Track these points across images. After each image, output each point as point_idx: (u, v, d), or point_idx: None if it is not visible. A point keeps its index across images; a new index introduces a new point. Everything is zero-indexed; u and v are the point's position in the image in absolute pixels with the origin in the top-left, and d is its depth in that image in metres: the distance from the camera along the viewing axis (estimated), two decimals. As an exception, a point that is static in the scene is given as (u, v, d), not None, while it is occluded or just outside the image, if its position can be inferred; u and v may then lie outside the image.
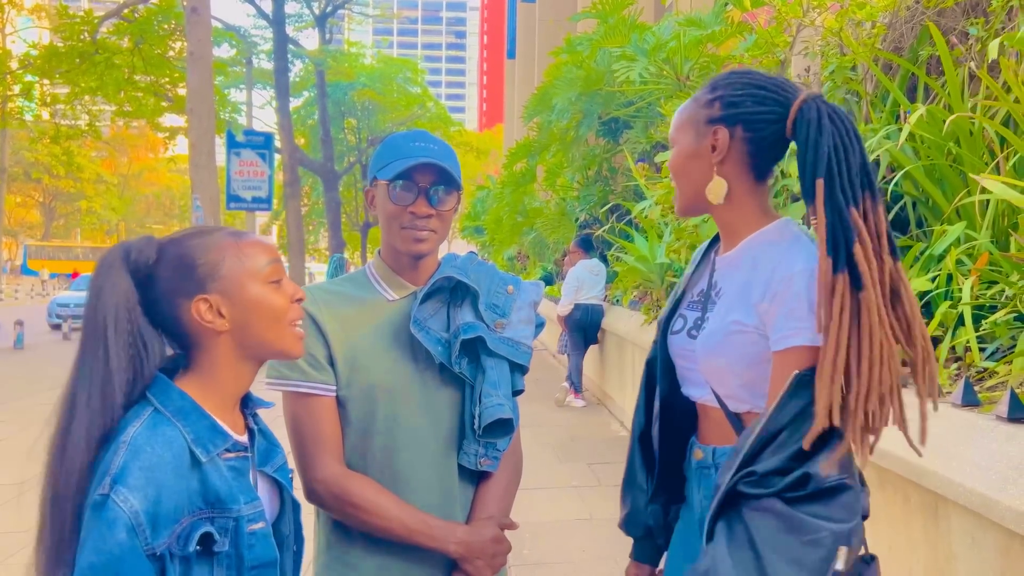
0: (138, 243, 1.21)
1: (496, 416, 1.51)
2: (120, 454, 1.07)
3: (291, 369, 1.52)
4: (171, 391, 1.17)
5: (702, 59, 7.05)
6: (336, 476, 1.51)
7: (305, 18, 24.70)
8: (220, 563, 1.15)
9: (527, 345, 1.63)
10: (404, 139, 1.57)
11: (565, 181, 11.60)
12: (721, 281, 1.48)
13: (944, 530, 2.23)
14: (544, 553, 4.09)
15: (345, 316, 1.56)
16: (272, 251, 1.27)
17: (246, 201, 16.56)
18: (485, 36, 70.06)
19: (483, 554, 1.53)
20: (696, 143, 1.42)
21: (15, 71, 18.43)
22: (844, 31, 4.21)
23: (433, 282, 1.56)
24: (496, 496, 1.62)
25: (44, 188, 40.02)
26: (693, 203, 1.47)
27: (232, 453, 1.21)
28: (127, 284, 1.17)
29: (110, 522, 1.03)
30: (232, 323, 1.21)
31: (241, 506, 1.17)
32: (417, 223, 1.53)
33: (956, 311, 2.83)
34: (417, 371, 1.56)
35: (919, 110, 3.43)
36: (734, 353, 1.36)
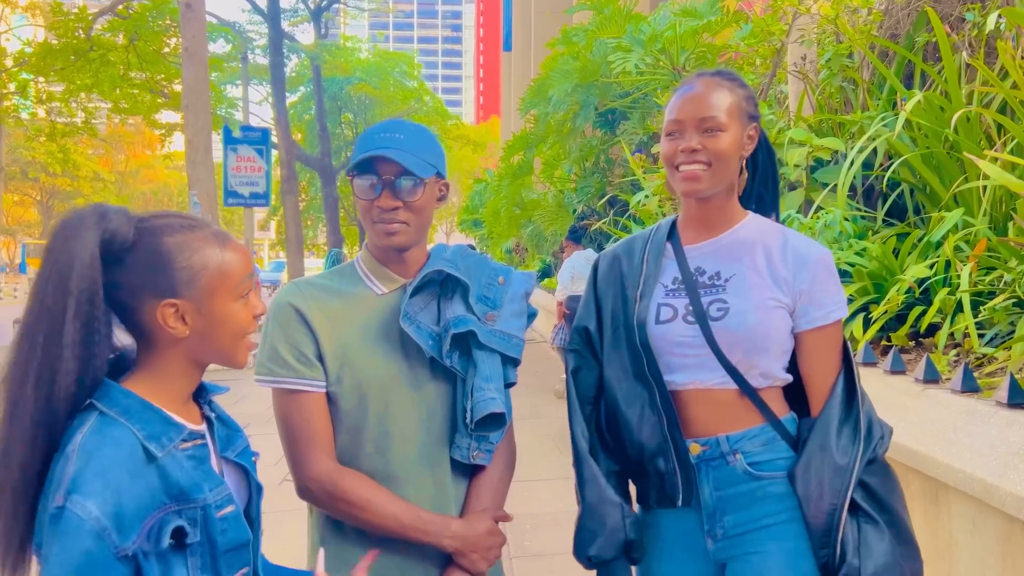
0: (116, 218, 1.12)
1: (488, 410, 1.50)
2: (71, 463, 1.04)
3: (280, 366, 1.50)
4: (113, 391, 1.13)
5: (698, 49, 7.04)
6: (329, 473, 1.49)
7: (300, 12, 24.60)
8: (193, 552, 1.13)
9: (519, 337, 1.61)
10: (375, 130, 1.54)
11: (562, 173, 11.59)
12: (714, 266, 1.51)
13: (944, 516, 2.23)
14: (545, 544, 4.09)
15: (334, 311, 1.54)
16: (249, 262, 1.23)
17: (243, 197, 16.53)
18: (481, 29, 69.90)
19: (478, 547, 1.52)
20: (741, 134, 1.50)
21: (10, 69, 18.38)
22: (840, 18, 4.20)
23: (422, 276, 1.54)
24: (490, 489, 1.61)
25: (41, 186, 39.95)
26: (719, 186, 1.50)
27: (188, 443, 1.18)
28: (96, 263, 1.09)
29: (71, 532, 1.00)
30: (193, 332, 1.17)
31: (206, 494, 1.14)
32: (385, 216, 1.50)
33: (955, 297, 2.83)
34: (408, 365, 1.55)
35: (916, 97, 3.42)
36: (775, 328, 1.45)
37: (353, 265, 1.63)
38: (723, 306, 1.47)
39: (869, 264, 3.26)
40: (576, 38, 9.01)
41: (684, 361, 1.49)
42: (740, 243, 1.51)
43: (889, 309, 2.99)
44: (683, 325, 1.49)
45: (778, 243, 1.51)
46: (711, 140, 1.46)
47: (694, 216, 1.56)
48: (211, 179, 12.09)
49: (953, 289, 2.89)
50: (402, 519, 1.48)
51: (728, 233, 1.53)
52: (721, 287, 1.49)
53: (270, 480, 5.10)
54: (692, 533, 1.50)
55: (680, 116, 1.49)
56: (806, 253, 1.49)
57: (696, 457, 1.48)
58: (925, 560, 1.47)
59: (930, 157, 3.56)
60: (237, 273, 1.19)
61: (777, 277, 1.47)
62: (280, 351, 1.50)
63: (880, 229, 3.71)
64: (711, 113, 1.46)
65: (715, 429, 1.47)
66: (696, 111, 1.47)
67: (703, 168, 1.46)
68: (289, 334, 1.51)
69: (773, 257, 1.49)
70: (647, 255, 1.60)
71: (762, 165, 1.63)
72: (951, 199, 3.34)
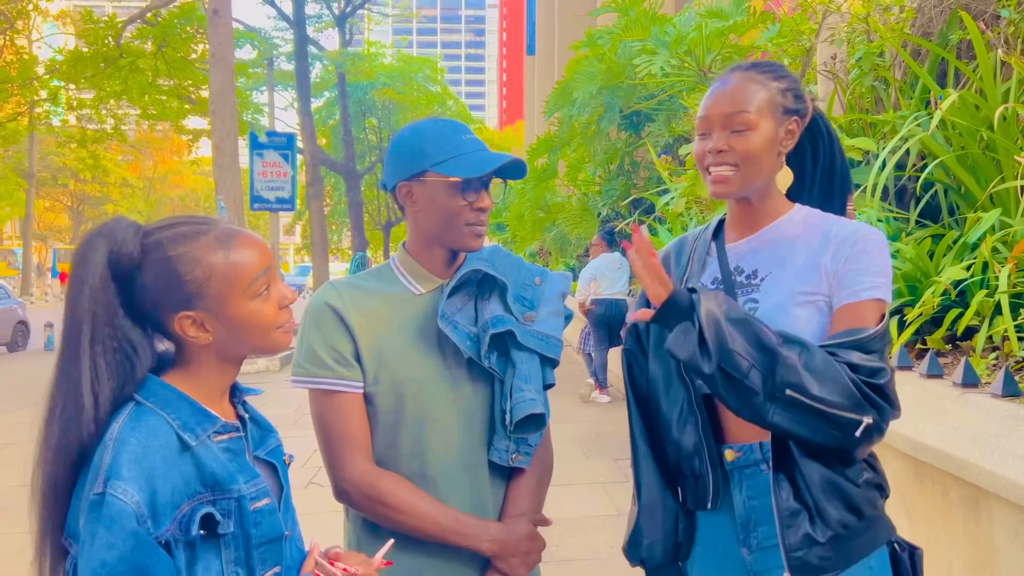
0: (121, 236, 1.14)
1: (528, 411, 1.47)
2: (108, 451, 1.05)
3: (317, 366, 1.49)
4: (151, 383, 1.15)
5: (724, 50, 6.98)
6: (366, 475, 1.48)
7: (325, 18, 24.83)
8: (227, 544, 1.13)
9: (557, 338, 1.58)
10: (451, 131, 1.51)
11: (587, 176, 11.54)
12: (752, 265, 1.47)
13: (985, 524, 2.17)
14: (571, 549, 4.06)
15: (371, 311, 1.53)
16: (263, 258, 1.21)
17: (269, 202, 16.69)
18: (504, 33, 70.06)
19: (517, 552, 1.50)
20: (775, 130, 1.43)
21: (42, 76, 18.71)
22: (872, 16, 4.13)
23: (461, 275, 1.53)
24: (529, 492, 1.58)
25: (71, 192, 40.57)
26: (751, 187, 1.44)
27: (224, 435, 1.19)
28: (107, 287, 1.12)
29: (114, 516, 1.01)
30: (216, 337, 1.18)
31: (241, 485, 1.15)
32: (482, 218, 1.51)
33: (993, 300, 2.76)
34: (445, 366, 1.53)
35: (951, 96, 3.35)
36: (804, 326, 1.37)
37: (389, 266, 1.62)
38: (754, 305, 1.42)
39: (903, 266, 3.19)
40: (601, 40, 8.96)
41: None
42: (781, 240, 1.46)
43: (924, 312, 2.93)
44: None
45: (821, 232, 1.43)
46: (739, 140, 1.40)
47: (735, 215, 1.52)
48: (237, 184, 12.20)
49: (991, 291, 2.82)
50: (441, 522, 1.47)
51: (767, 230, 1.48)
52: (756, 286, 1.45)
53: (296, 483, 5.13)
54: (728, 541, 1.46)
55: (708, 114, 1.45)
56: (849, 234, 1.41)
57: (731, 464, 1.44)
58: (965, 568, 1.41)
59: (965, 157, 3.48)
60: (246, 274, 1.18)
61: (817, 267, 1.40)
62: (317, 351, 1.49)
63: (913, 230, 3.64)
64: (737, 110, 1.41)
65: (750, 435, 1.42)
66: (723, 109, 1.42)
67: (731, 170, 1.41)
68: (326, 334, 1.50)
69: (815, 248, 1.42)
70: (693, 253, 1.57)
71: (823, 156, 1.54)
72: (987, 199, 3.27)
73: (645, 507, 1.54)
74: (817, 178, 1.55)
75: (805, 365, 1.25)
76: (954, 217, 3.68)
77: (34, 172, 29.39)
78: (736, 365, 1.24)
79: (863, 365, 1.29)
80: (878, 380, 1.29)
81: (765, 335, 1.26)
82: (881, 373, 1.30)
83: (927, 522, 2.44)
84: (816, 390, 1.24)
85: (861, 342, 1.31)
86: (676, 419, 1.49)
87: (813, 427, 1.27)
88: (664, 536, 1.52)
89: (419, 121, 1.57)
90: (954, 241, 3.26)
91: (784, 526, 1.31)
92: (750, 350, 1.25)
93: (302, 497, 4.79)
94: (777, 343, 1.26)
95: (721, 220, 1.58)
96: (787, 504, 1.32)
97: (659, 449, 1.55)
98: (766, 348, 1.25)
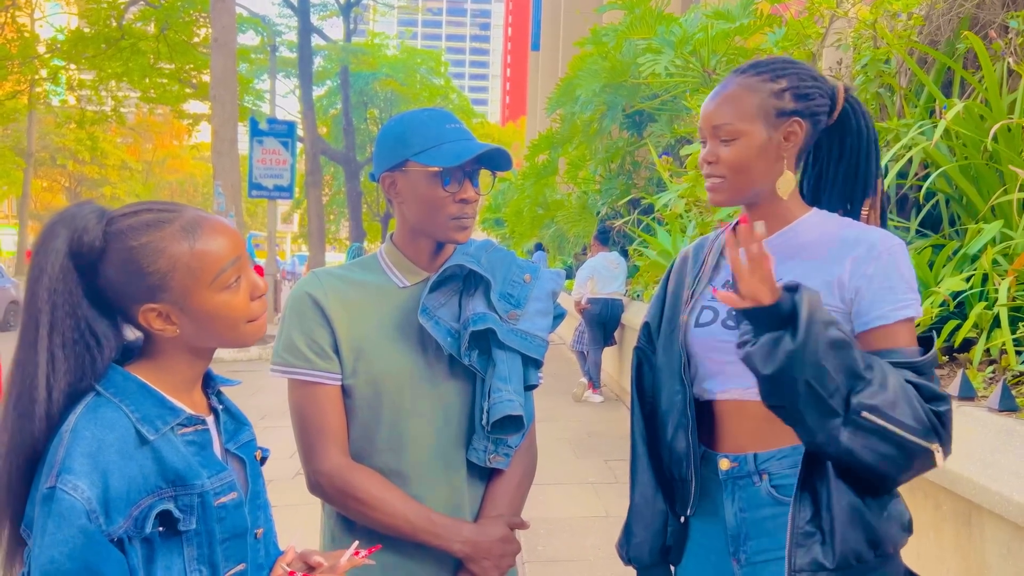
0: (82, 223, 1.09)
1: (505, 412, 1.43)
2: (63, 444, 1.02)
3: (295, 357, 1.46)
4: (113, 374, 1.11)
5: (729, 52, 6.94)
6: (340, 468, 1.45)
7: (330, 7, 24.72)
8: (189, 541, 1.10)
9: (542, 338, 1.55)
10: (435, 120, 1.48)
11: (587, 174, 11.50)
12: None
13: (977, 539, 2.15)
14: (558, 550, 4.04)
15: (352, 302, 1.50)
16: (232, 247, 1.15)
17: (267, 189, 16.63)
18: (510, 28, 69.93)
19: (490, 554, 1.47)
20: (767, 135, 1.37)
21: (43, 55, 18.60)
22: (879, 23, 4.10)
23: (443, 269, 1.49)
24: (507, 494, 1.55)
25: (69, 173, 40.41)
26: (744, 196, 1.41)
27: (188, 428, 1.15)
28: (67, 276, 1.08)
29: (64, 512, 0.98)
30: (184, 330, 1.14)
31: (204, 480, 1.11)
32: (466, 209, 1.47)
33: (992, 312, 2.74)
34: (426, 362, 1.50)
35: (956, 106, 3.32)
36: None
37: (376, 257, 1.59)
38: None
39: (902, 275, 3.16)
40: (606, 38, 8.92)
41: (722, 368, 1.43)
42: (792, 246, 1.41)
43: (922, 322, 2.90)
44: (721, 329, 1.42)
45: (836, 240, 1.37)
46: (725, 150, 1.38)
47: (746, 218, 1.48)
48: (236, 170, 12.15)
49: (990, 303, 2.79)
50: (412, 520, 1.44)
51: (779, 235, 1.42)
52: None
53: (285, 473, 5.11)
54: (720, 551, 1.43)
55: (701, 123, 1.43)
56: (868, 246, 1.34)
57: (724, 473, 1.41)
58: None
59: (968, 168, 3.46)
60: (212, 266, 1.12)
61: (829, 278, 1.34)
62: (296, 342, 1.46)
63: (914, 240, 3.61)
64: (722, 121, 1.38)
65: (747, 446, 1.39)
66: (710, 119, 1.40)
67: (720, 180, 1.40)
68: (306, 324, 1.47)
69: (828, 257, 1.36)
70: (708, 254, 1.54)
71: (849, 155, 1.46)
72: (988, 211, 3.24)
73: (636, 507, 1.54)
74: (840, 178, 1.48)
75: (882, 384, 1.20)
76: (955, 228, 3.66)
77: (32, 151, 29.25)
78: (825, 384, 1.18)
79: (925, 387, 1.24)
80: (939, 407, 1.24)
81: (856, 361, 1.19)
82: (943, 400, 1.25)
83: (918, 536, 2.42)
84: (894, 412, 1.19)
85: (916, 365, 1.26)
86: (672, 422, 1.47)
87: (882, 453, 1.20)
88: (652, 537, 1.52)
89: (407, 111, 1.54)
90: (954, 252, 3.24)
91: (795, 544, 1.27)
92: (840, 373, 1.18)
93: (290, 487, 4.76)
94: (863, 368, 1.20)
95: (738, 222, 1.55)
96: (803, 527, 1.27)
97: (656, 450, 1.53)
98: (855, 374, 1.19)
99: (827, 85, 1.42)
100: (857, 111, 1.44)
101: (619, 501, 4.80)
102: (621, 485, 5.16)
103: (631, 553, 1.54)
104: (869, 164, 1.45)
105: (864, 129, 1.44)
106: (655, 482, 1.53)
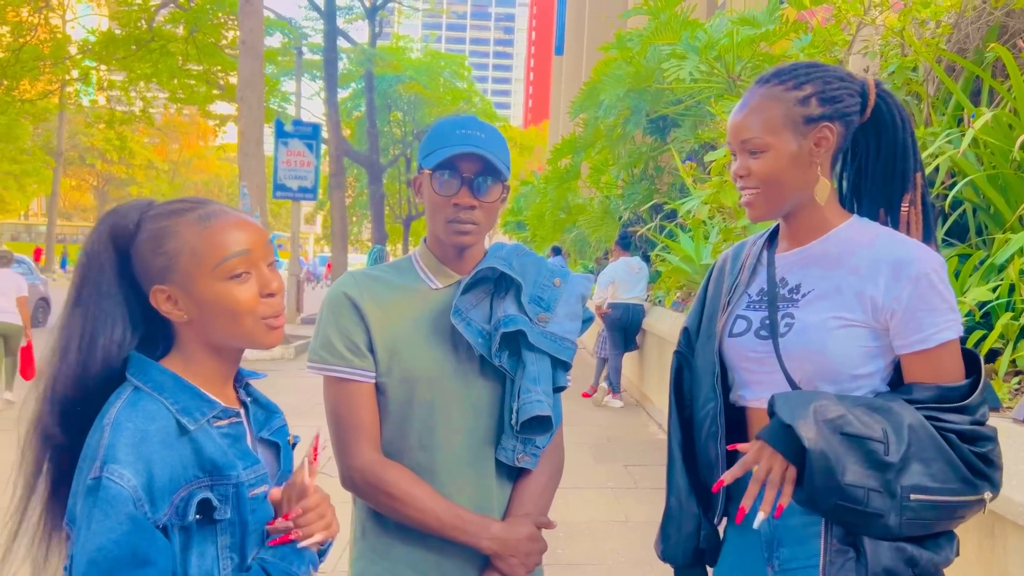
0: (125, 210, 1.18)
1: (534, 413, 1.47)
2: (105, 435, 1.05)
3: (331, 354, 1.50)
4: (150, 368, 1.15)
5: (755, 58, 6.92)
6: (372, 464, 1.49)
7: (356, 10, 24.88)
8: (223, 530, 1.13)
9: (571, 341, 1.58)
10: (451, 126, 1.52)
11: (610, 179, 11.50)
12: (796, 278, 1.42)
13: (1000, 551, 2.13)
14: (577, 554, 4.04)
15: (387, 302, 1.54)
16: (243, 239, 1.17)
17: (292, 191, 16.77)
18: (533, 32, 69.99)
19: (517, 552, 1.49)
20: (797, 144, 1.35)
21: (74, 56, 18.88)
22: (907, 30, 4.08)
23: (476, 272, 1.53)
24: (534, 494, 1.58)
25: (97, 172, 40.97)
26: (780, 208, 1.40)
27: (224, 420, 1.18)
28: (105, 255, 1.15)
29: (111, 500, 1.01)
30: (190, 316, 1.16)
31: (240, 471, 1.14)
32: (461, 215, 1.49)
33: (1018, 323, 2.72)
34: (457, 362, 1.53)
35: (984, 115, 3.30)
36: (840, 350, 1.32)
37: (410, 259, 1.63)
38: (791, 321, 1.38)
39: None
40: (630, 43, 8.91)
41: (754, 377, 1.43)
42: (828, 254, 1.39)
43: (947, 332, 2.88)
44: (754, 339, 1.42)
45: (871, 253, 1.33)
46: (755, 163, 1.37)
47: (784, 225, 1.47)
48: (261, 171, 12.27)
49: (1016, 314, 2.78)
50: (442, 517, 1.47)
51: (815, 243, 1.40)
52: (796, 300, 1.40)
53: (306, 472, 5.12)
54: (756, 557, 1.43)
55: (728, 137, 1.43)
56: (904, 263, 1.29)
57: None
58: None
59: (996, 177, 3.43)
60: (216, 252, 1.15)
61: (863, 292, 1.32)
62: (332, 339, 1.51)
63: (940, 249, 3.59)
64: (748, 135, 1.37)
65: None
66: (737, 132, 1.39)
67: (753, 193, 1.38)
68: (342, 323, 1.51)
69: (862, 270, 1.33)
70: (745, 261, 1.53)
71: (885, 151, 1.42)
72: (1016, 221, 3.22)
73: (670, 510, 1.56)
74: (879, 176, 1.44)
75: (919, 456, 1.19)
76: (982, 237, 3.63)
77: (62, 150, 29.73)
78: (854, 497, 1.18)
79: (966, 431, 1.22)
80: (984, 448, 1.22)
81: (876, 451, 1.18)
82: (987, 440, 1.23)
83: (940, 546, 2.41)
84: (939, 482, 1.19)
85: (961, 407, 1.24)
86: (705, 428, 1.48)
87: (932, 520, 1.22)
88: (685, 540, 1.53)
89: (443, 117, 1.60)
90: (981, 262, 3.21)
91: (828, 561, 1.27)
92: (862, 471, 1.18)
93: (311, 486, 4.81)
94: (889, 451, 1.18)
95: (776, 227, 1.54)
96: (837, 545, 1.27)
97: (692, 455, 1.55)
98: (879, 463, 1.18)
99: (856, 83, 1.39)
100: (891, 105, 1.40)
101: (639, 506, 4.80)
102: (641, 490, 5.16)
103: (666, 554, 1.56)
104: (907, 158, 1.42)
105: (900, 122, 1.41)
106: (689, 486, 1.53)
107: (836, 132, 1.37)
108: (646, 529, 4.37)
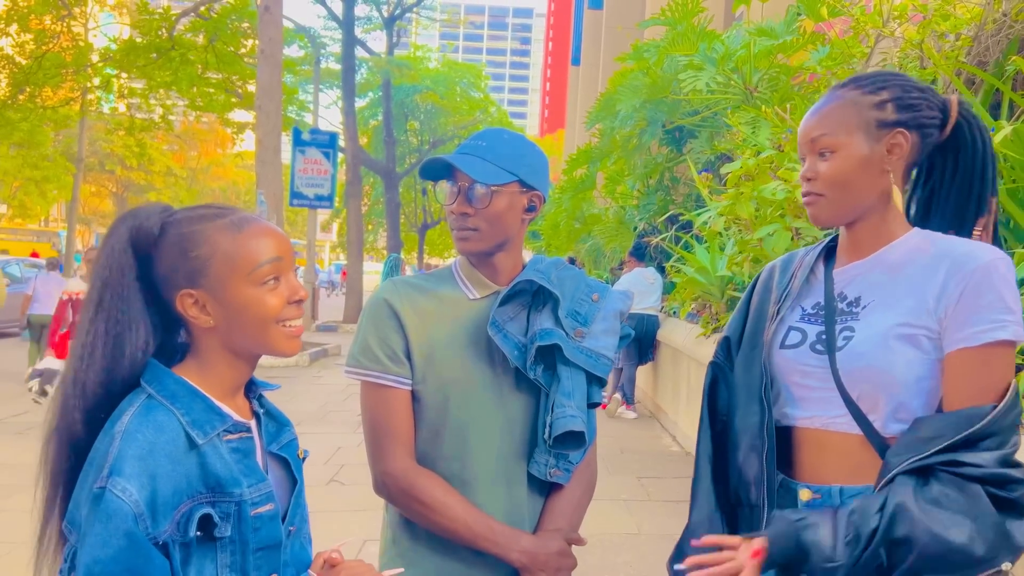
0: (145, 212, 1.17)
1: (567, 428, 1.46)
2: (115, 444, 1.05)
3: (369, 359, 1.52)
4: (165, 376, 1.15)
5: (772, 69, 6.90)
6: (405, 470, 1.50)
7: (374, 20, 25.06)
8: (223, 548, 1.12)
9: (607, 357, 1.56)
10: (471, 137, 1.57)
11: (625, 189, 11.48)
12: (856, 291, 1.36)
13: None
14: (590, 566, 4.02)
15: (425, 310, 1.55)
16: (274, 246, 1.18)
17: (308, 199, 16.89)
18: (550, 43, 70.19)
19: (547, 566, 1.48)
20: (868, 148, 1.31)
21: (96, 64, 19.10)
22: (926, 43, 4.05)
23: (514, 284, 1.53)
24: (566, 509, 1.57)
25: (117, 179, 41.33)
26: (846, 214, 1.35)
27: (234, 435, 1.18)
28: (125, 260, 1.15)
29: (111, 514, 1.01)
30: (217, 321, 1.17)
31: (243, 489, 1.13)
32: (458, 222, 1.52)
33: (1039, 339, 2.68)
34: (492, 373, 1.53)
35: (1005, 128, 3.27)
36: (902, 361, 1.25)
37: (451, 268, 1.64)
38: (849, 334, 1.32)
39: (946, 298, 3.11)
40: (647, 54, 8.91)
41: (808, 394, 1.36)
42: (888, 265, 1.33)
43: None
44: (809, 353, 1.36)
45: (931, 257, 1.28)
46: (824, 165, 1.32)
47: (844, 237, 1.41)
48: (278, 179, 12.36)
49: (1037, 330, 2.74)
50: (473, 527, 1.47)
51: (877, 255, 1.35)
52: (856, 314, 1.33)
53: (318, 479, 5.14)
54: None
55: (799, 140, 1.38)
56: (964, 260, 1.23)
57: (805, 504, 1.34)
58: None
59: (1016, 191, 3.40)
60: (250, 259, 1.16)
61: (923, 295, 1.25)
62: (371, 345, 1.52)
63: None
64: (819, 133, 1.33)
65: (832, 478, 1.32)
66: (807, 132, 1.35)
67: (818, 197, 1.34)
68: (380, 330, 1.53)
69: (922, 272, 1.27)
70: (796, 272, 1.48)
71: (963, 172, 1.36)
72: (1037, 235, 3.19)
73: (692, 526, 1.49)
74: (952, 197, 1.38)
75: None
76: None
77: (83, 157, 30.01)
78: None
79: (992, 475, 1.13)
80: (1012, 493, 1.13)
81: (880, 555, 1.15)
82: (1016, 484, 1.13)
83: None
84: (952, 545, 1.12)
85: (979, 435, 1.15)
86: (744, 443, 1.42)
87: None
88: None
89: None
90: (1001, 276, 3.18)
91: None
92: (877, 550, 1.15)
93: (322, 495, 4.78)
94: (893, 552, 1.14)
95: (834, 241, 1.49)
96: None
97: (722, 472, 1.48)
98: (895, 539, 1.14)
99: (937, 98, 1.35)
100: (973, 125, 1.35)
101: (651, 519, 4.77)
102: (654, 503, 5.13)
103: (677, 568, 1.47)
104: (985, 182, 1.36)
105: (980, 144, 1.36)
106: (716, 503, 1.46)
107: (910, 141, 1.32)
108: (658, 542, 4.34)
